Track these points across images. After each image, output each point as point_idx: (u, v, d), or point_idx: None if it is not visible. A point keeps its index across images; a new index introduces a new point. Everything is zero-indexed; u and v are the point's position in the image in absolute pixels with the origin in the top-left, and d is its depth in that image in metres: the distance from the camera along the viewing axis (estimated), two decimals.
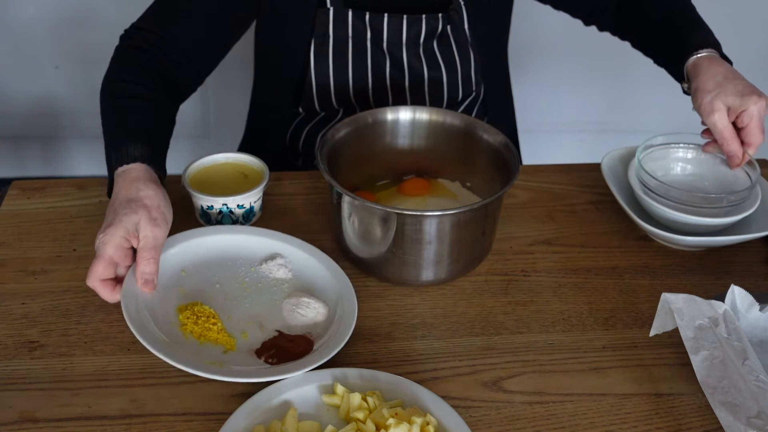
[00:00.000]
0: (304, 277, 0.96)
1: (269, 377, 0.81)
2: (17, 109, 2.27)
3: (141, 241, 0.88)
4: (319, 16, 1.16)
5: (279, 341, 0.87)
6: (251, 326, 0.89)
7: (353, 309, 0.90)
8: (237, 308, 0.91)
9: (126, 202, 0.90)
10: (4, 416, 0.79)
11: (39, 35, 2.14)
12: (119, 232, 0.87)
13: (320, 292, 0.94)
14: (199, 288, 0.93)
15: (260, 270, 0.96)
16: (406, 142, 1.08)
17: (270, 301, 0.92)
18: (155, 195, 0.92)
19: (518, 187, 1.17)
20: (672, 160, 1.12)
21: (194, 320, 0.87)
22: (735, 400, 0.77)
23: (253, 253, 0.97)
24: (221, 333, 0.87)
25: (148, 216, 0.89)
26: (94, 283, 0.87)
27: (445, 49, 1.22)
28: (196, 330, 0.86)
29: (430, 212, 0.92)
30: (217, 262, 0.96)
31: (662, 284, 1.01)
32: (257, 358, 0.85)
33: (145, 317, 0.86)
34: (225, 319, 0.89)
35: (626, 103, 2.39)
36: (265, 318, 0.90)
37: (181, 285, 0.93)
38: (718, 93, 1.00)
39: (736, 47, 1.19)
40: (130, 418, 0.80)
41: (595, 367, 0.88)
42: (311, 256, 0.97)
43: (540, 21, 2.00)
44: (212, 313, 0.88)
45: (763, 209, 1.05)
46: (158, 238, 0.89)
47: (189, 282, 0.93)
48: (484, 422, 0.81)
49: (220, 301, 0.92)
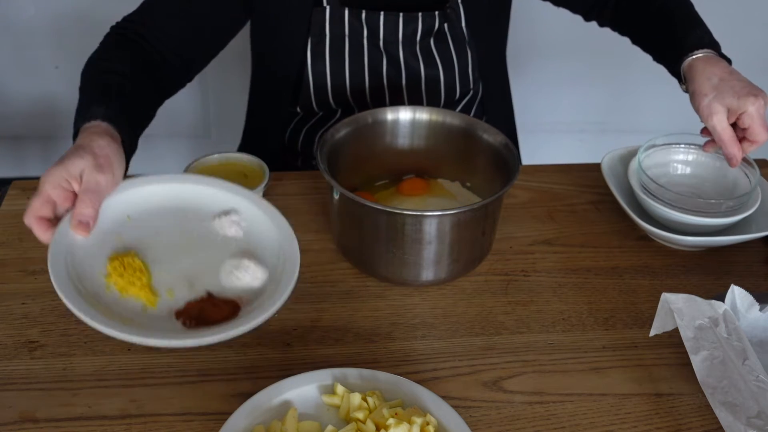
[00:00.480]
0: (254, 239, 0.89)
1: (174, 341, 0.76)
2: (17, 109, 2.27)
3: (83, 185, 0.83)
4: (315, 15, 1.16)
5: (204, 304, 0.82)
6: (181, 284, 0.83)
7: (290, 281, 0.82)
8: (172, 263, 0.85)
9: (74, 149, 0.86)
10: (4, 416, 0.79)
11: (39, 35, 2.14)
12: (61, 172, 0.82)
13: (266, 258, 0.87)
14: (139, 237, 0.86)
15: (212, 225, 0.89)
16: (406, 142, 1.08)
17: (211, 258, 0.86)
18: (107, 145, 0.87)
19: (518, 187, 1.17)
20: (672, 161, 1.12)
21: (120, 272, 0.82)
22: (735, 400, 0.77)
23: (207, 206, 0.91)
24: (144, 289, 0.82)
25: (94, 162, 0.84)
26: (30, 220, 0.82)
27: (441, 47, 1.22)
28: (119, 282, 0.81)
29: (430, 212, 0.92)
30: (167, 212, 0.89)
31: (662, 284, 1.01)
32: (176, 320, 0.80)
33: (71, 262, 0.80)
34: (156, 272, 0.84)
35: (626, 103, 2.39)
36: (199, 277, 0.84)
37: (121, 233, 0.86)
38: (716, 96, 0.99)
39: (736, 47, 1.19)
40: (130, 418, 0.80)
41: (595, 367, 0.88)
42: (268, 217, 0.90)
43: (540, 20, 2.01)
44: (141, 266, 0.83)
45: (763, 209, 1.05)
46: (101, 184, 0.84)
47: (130, 230, 0.87)
48: (484, 422, 0.81)
49: (158, 253, 0.86)
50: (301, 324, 0.92)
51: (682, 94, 1.09)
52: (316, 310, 0.94)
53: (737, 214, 1.02)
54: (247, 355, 0.87)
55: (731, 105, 0.99)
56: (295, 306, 0.94)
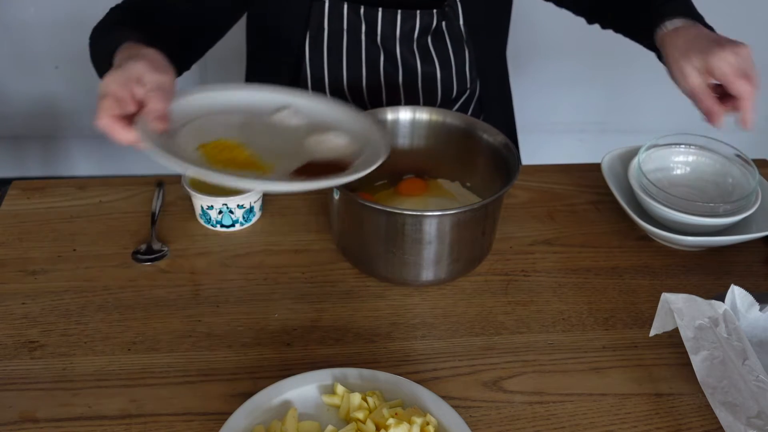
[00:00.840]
0: (319, 120, 0.92)
1: (296, 184, 0.79)
2: (17, 109, 2.27)
3: (147, 85, 0.81)
4: (314, 9, 1.16)
5: (311, 168, 0.83)
6: (279, 159, 0.84)
7: (381, 133, 0.88)
8: (259, 146, 0.86)
9: (126, 58, 0.84)
10: (4, 416, 0.79)
11: (39, 35, 2.14)
12: (121, 75, 0.81)
13: (341, 127, 0.91)
14: (215, 131, 0.87)
15: (273, 119, 0.92)
16: (406, 142, 1.08)
17: (291, 141, 0.88)
18: (155, 52, 0.86)
19: (518, 187, 1.17)
20: (673, 161, 1.12)
21: (218, 151, 0.82)
22: (735, 400, 0.77)
23: (262, 106, 0.93)
24: (249, 160, 0.81)
25: (150, 65, 0.83)
26: (105, 122, 0.79)
27: (439, 46, 1.22)
28: (222, 157, 0.80)
29: (430, 212, 0.92)
30: (231, 112, 0.91)
31: (662, 284, 1.01)
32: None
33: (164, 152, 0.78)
34: (251, 152, 0.85)
35: (626, 103, 2.39)
36: (292, 153, 0.86)
37: (198, 129, 0.87)
38: (684, 58, 0.94)
39: None
40: (130, 418, 0.80)
41: (595, 367, 0.88)
42: (321, 102, 0.94)
43: (540, 21, 2.01)
44: (235, 145, 0.83)
45: (763, 209, 1.05)
46: (164, 83, 0.82)
47: (204, 128, 0.87)
48: (484, 422, 0.81)
49: (241, 140, 0.87)
50: (301, 324, 0.92)
51: (681, 94, 1.09)
52: (316, 310, 0.94)
53: (737, 214, 1.02)
54: (247, 355, 0.88)
55: (699, 65, 0.93)
56: (295, 306, 0.94)
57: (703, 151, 1.12)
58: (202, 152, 0.82)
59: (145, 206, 1.09)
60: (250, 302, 0.95)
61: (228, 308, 0.94)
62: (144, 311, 0.93)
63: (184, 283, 0.97)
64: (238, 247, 1.03)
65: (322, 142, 0.88)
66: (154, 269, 0.99)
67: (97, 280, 0.97)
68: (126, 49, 0.89)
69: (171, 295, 0.95)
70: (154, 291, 0.96)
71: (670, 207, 1.02)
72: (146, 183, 1.13)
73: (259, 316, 0.93)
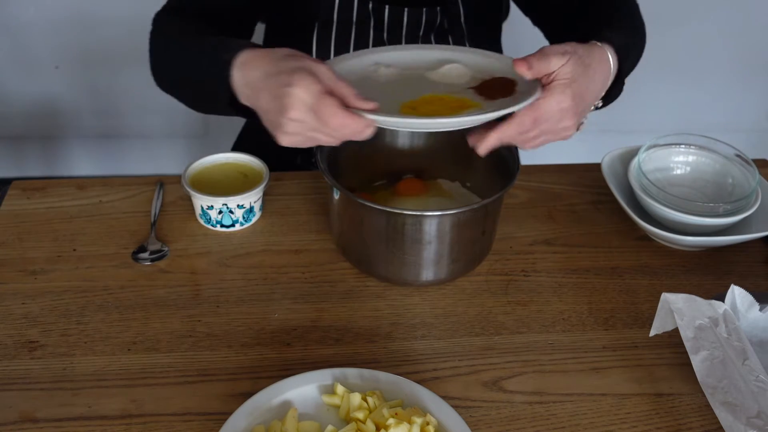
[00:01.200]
0: (485, 72, 0.92)
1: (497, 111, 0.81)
2: (17, 109, 2.27)
3: (325, 81, 0.77)
4: (324, 1, 1.16)
5: (487, 87, 0.88)
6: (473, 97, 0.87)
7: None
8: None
9: (283, 57, 0.80)
10: (4, 416, 0.79)
11: (39, 35, 2.14)
12: (308, 79, 0.76)
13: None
14: (402, 96, 0.87)
15: (438, 73, 0.92)
16: (406, 142, 1.08)
17: (460, 90, 0.89)
18: (280, 48, 0.83)
19: (518, 187, 1.17)
20: (673, 161, 1.12)
21: (414, 105, 0.84)
22: (735, 400, 0.77)
23: (427, 63, 0.94)
24: (462, 99, 0.84)
25: (310, 58, 0.80)
26: (338, 121, 0.76)
27: (442, 42, 1.22)
28: (435, 107, 0.83)
29: (430, 212, 0.92)
30: (396, 71, 0.92)
31: (662, 284, 1.01)
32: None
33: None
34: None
35: (626, 103, 2.38)
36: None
37: (383, 91, 0.87)
38: (572, 56, 0.86)
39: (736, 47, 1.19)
40: (130, 418, 0.80)
41: (595, 367, 0.88)
42: (481, 56, 0.95)
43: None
44: (431, 97, 0.85)
45: (763, 209, 1.05)
46: (323, 69, 0.79)
47: (388, 89, 0.89)
48: (484, 422, 0.81)
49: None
50: (301, 324, 0.92)
51: (682, 94, 1.09)
52: (316, 310, 0.94)
53: (737, 214, 1.02)
54: (247, 355, 0.88)
55: (560, 64, 0.84)
56: (295, 306, 0.94)
57: (703, 151, 1.12)
58: (410, 111, 0.83)
59: (145, 206, 1.09)
60: (250, 302, 0.95)
61: (228, 308, 0.94)
62: (144, 311, 0.93)
63: (184, 283, 0.97)
64: (238, 247, 1.03)
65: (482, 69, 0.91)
66: (154, 269, 0.99)
67: (97, 280, 0.97)
68: (256, 55, 0.83)
69: (171, 295, 0.95)
70: (154, 291, 0.96)
71: (670, 207, 1.02)
72: (146, 183, 1.13)
73: (259, 316, 0.93)
